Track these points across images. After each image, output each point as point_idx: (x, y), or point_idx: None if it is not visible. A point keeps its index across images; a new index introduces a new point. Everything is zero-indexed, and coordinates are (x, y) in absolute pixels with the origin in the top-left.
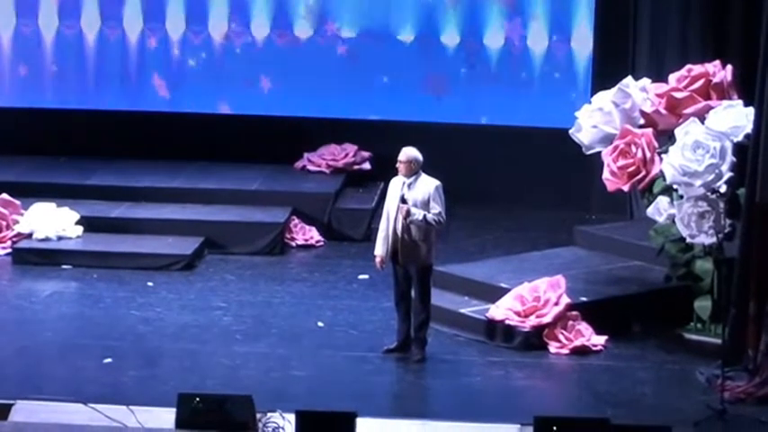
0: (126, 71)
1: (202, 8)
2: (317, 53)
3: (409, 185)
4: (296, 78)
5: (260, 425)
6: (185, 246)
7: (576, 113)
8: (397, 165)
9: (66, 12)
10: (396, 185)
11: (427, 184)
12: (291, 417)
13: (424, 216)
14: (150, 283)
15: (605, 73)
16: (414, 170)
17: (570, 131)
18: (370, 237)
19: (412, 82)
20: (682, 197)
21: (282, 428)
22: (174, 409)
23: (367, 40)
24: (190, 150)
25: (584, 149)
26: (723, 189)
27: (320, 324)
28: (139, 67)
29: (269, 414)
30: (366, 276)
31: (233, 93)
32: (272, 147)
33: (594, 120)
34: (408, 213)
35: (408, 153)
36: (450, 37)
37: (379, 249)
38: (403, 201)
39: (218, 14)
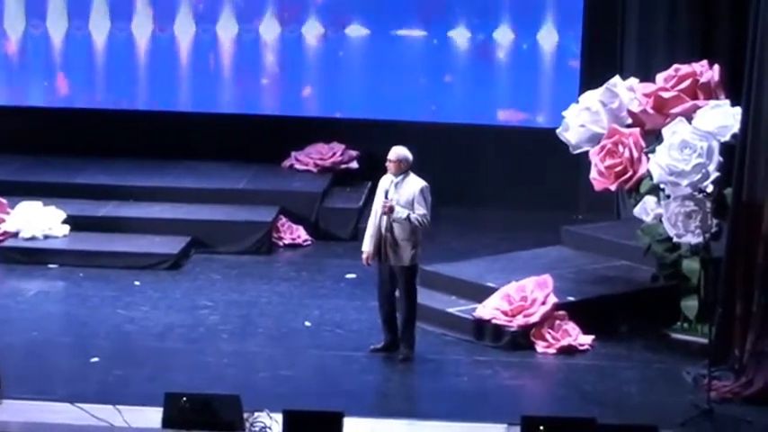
0: (112, 69)
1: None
2: (304, 51)
3: (396, 184)
4: (283, 76)
5: (247, 424)
6: (172, 245)
7: (564, 113)
8: (387, 163)
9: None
10: (384, 183)
11: (413, 185)
12: (278, 416)
13: (408, 215)
14: (137, 283)
15: (593, 72)
16: (402, 169)
17: (558, 131)
18: (357, 236)
19: (400, 80)
20: (669, 197)
21: (269, 428)
22: (160, 409)
23: (355, 38)
24: (177, 149)
25: (571, 149)
26: (710, 189)
27: (307, 323)
28: (126, 65)
29: (256, 413)
30: (353, 275)
31: (219, 91)
32: (259, 146)
33: (582, 119)
34: (391, 210)
35: (398, 152)
36: (436, 35)
37: (367, 246)
38: (386, 197)
39: (197, 14)
